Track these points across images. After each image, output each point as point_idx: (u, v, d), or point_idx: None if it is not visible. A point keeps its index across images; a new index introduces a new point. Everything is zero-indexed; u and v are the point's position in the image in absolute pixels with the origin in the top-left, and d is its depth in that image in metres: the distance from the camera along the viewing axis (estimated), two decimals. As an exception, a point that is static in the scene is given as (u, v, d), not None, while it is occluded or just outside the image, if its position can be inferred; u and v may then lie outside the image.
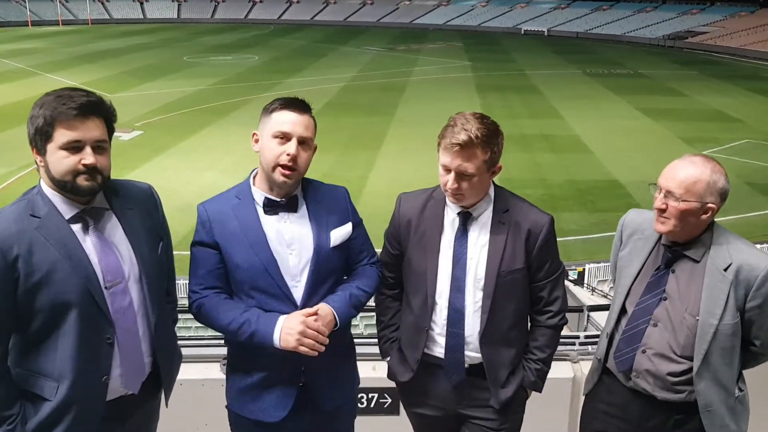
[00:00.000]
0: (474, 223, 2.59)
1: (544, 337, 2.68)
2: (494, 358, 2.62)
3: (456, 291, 2.58)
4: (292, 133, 2.38)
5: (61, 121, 2.07)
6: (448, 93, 36.61)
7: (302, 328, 2.31)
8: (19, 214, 2.13)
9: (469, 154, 2.42)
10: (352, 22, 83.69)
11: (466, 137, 2.39)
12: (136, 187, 2.41)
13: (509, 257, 2.55)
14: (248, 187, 2.51)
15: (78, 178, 2.11)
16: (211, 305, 2.44)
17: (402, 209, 2.72)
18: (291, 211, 2.47)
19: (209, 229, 2.47)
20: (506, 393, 2.64)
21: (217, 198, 2.55)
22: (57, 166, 2.10)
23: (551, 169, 23.58)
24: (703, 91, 38.70)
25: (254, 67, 47.25)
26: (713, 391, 2.47)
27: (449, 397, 2.70)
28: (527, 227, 2.56)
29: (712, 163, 2.42)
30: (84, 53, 52.79)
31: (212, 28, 77.33)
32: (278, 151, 2.37)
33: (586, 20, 75.18)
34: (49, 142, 2.09)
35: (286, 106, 2.41)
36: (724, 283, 2.41)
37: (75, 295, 2.12)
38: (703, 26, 68.14)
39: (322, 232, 2.48)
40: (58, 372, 2.15)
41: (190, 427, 3.59)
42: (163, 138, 27.43)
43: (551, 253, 2.62)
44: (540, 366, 2.68)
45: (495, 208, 2.59)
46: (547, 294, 2.64)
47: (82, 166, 2.10)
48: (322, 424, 2.63)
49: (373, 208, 17.28)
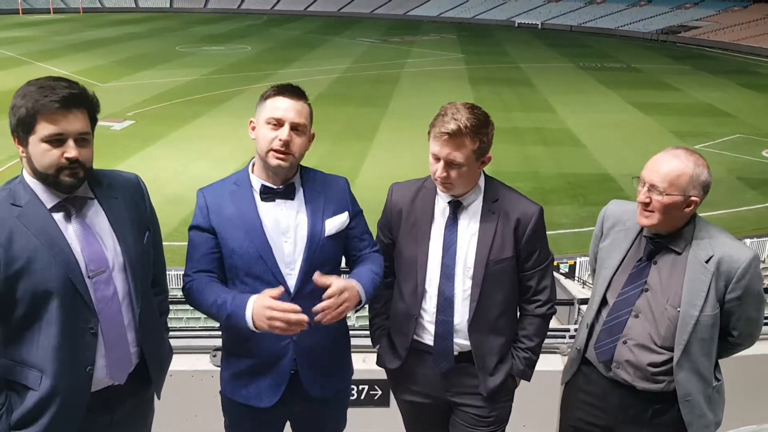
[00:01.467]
0: (464, 212, 2.62)
1: (533, 326, 2.70)
2: (483, 346, 2.65)
3: (445, 279, 2.60)
4: (284, 118, 2.39)
5: (43, 114, 2.05)
6: (442, 85, 36.57)
7: (269, 313, 2.26)
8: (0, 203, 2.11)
9: (458, 143, 2.44)
10: (345, 13, 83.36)
11: (455, 126, 2.41)
12: (122, 177, 2.39)
13: (498, 246, 2.57)
14: (247, 175, 2.53)
15: (61, 174, 2.09)
16: (198, 288, 2.45)
17: (394, 198, 2.75)
18: (287, 198, 2.48)
19: (206, 214, 2.49)
20: (495, 381, 2.67)
21: (217, 184, 2.57)
22: (39, 160, 2.09)
23: (543, 162, 23.64)
24: (695, 85, 38.80)
25: (247, 57, 47.05)
26: (692, 381, 2.50)
27: (438, 384, 2.72)
28: (516, 217, 2.59)
29: (695, 156, 2.44)
30: (76, 42, 52.37)
31: (205, 18, 76.88)
32: (271, 136, 2.39)
33: (579, 14, 75.13)
34: (31, 134, 2.07)
35: (280, 92, 2.43)
36: (706, 275, 2.43)
37: (56, 284, 2.10)
38: (696, 21, 68.21)
39: (317, 220, 2.49)
40: (41, 362, 2.14)
41: (182, 419, 3.59)
42: (155, 128, 27.31)
43: (540, 242, 2.64)
44: (529, 355, 2.71)
45: (485, 197, 2.62)
46: (535, 283, 2.67)
47: (64, 159, 2.08)
48: (314, 412, 2.66)
49: (364, 199, 17.32)
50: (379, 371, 2.91)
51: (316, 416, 2.68)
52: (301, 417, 2.69)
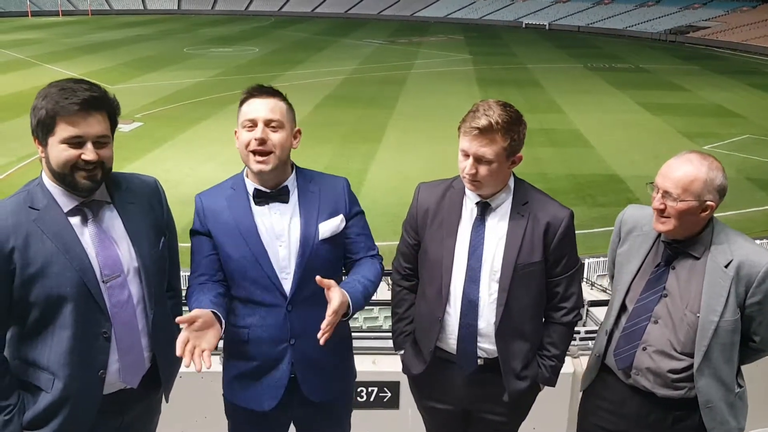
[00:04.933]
0: (492, 214, 2.57)
1: (557, 334, 2.66)
2: (509, 351, 2.60)
3: (470, 282, 2.55)
4: (256, 118, 2.39)
5: (63, 116, 2.06)
6: (449, 86, 36.51)
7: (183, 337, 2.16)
8: (17, 205, 2.12)
9: (489, 139, 2.40)
10: (353, 15, 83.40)
11: (486, 122, 2.38)
12: (140, 181, 2.40)
13: (527, 250, 2.52)
14: (242, 179, 2.52)
15: (77, 174, 2.10)
16: (189, 294, 2.47)
17: (420, 198, 2.70)
18: (281, 201, 2.47)
19: (203, 219, 2.50)
20: (520, 385, 2.63)
21: (214, 189, 2.57)
22: (56, 158, 2.10)
23: (551, 164, 23.53)
24: (704, 86, 38.57)
25: (255, 59, 47.10)
26: (713, 388, 2.47)
27: (461, 392, 2.69)
28: (546, 220, 2.54)
29: (708, 160, 2.40)
30: (84, 44, 52.59)
31: (212, 19, 77.06)
32: (248, 138, 2.39)
33: (587, 14, 74.92)
34: (50, 135, 2.09)
35: (250, 95, 2.43)
36: (725, 279, 2.40)
37: (70, 288, 2.11)
38: (705, 21, 67.89)
39: (310, 224, 2.47)
40: (53, 365, 2.15)
41: (190, 419, 3.59)
42: (164, 129, 27.36)
43: (569, 248, 2.60)
44: (555, 362, 2.67)
45: (514, 199, 2.57)
46: (562, 290, 2.62)
47: (81, 160, 2.08)
48: (314, 416, 2.64)
49: (373, 200, 17.18)
50: (389, 373, 2.90)
51: (318, 420, 2.66)
52: (304, 421, 2.68)
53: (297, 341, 2.48)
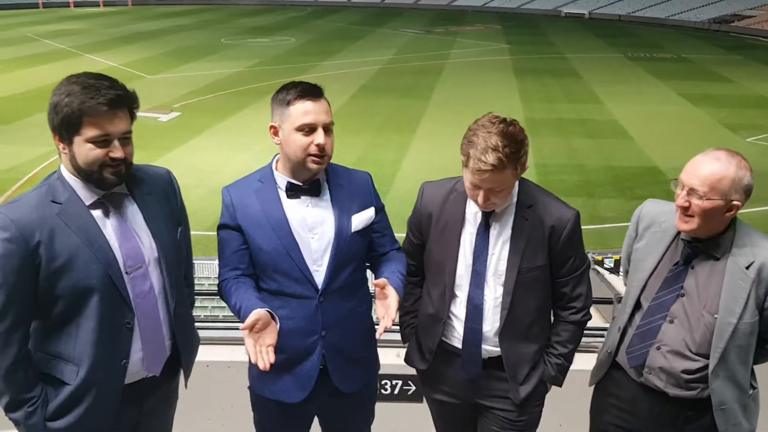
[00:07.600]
0: (496, 218, 2.55)
1: (566, 333, 2.65)
2: (514, 354, 2.60)
3: (475, 286, 2.56)
4: (316, 123, 2.38)
5: (90, 116, 2.07)
6: (486, 76, 36.20)
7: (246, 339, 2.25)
8: (40, 200, 2.15)
9: (500, 174, 2.35)
10: (389, 4, 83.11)
11: (494, 160, 2.30)
12: (154, 172, 2.43)
13: (531, 254, 2.51)
14: (270, 172, 2.53)
15: (104, 171, 2.13)
16: (226, 289, 2.49)
17: (424, 200, 2.70)
18: (314, 195, 2.47)
19: (232, 212, 2.51)
20: (526, 389, 2.63)
21: (241, 182, 2.59)
22: (84, 157, 2.12)
23: (588, 155, 23.19)
24: (748, 76, 37.56)
25: (291, 49, 47.28)
26: (728, 389, 2.44)
27: (466, 387, 2.70)
28: (551, 224, 2.52)
29: (737, 158, 2.34)
30: (124, 34, 53.37)
31: (250, 9, 77.52)
32: (305, 142, 2.38)
33: (628, 2, 73.49)
34: (76, 135, 2.10)
35: (303, 95, 2.40)
36: (746, 281, 2.36)
37: (96, 280, 2.15)
38: (750, 10, 66.05)
39: (343, 216, 2.49)
40: (78, 356, 2.20)
41: (216, 408, 3.64)
42: (201, 119, 27.66)
43: (575, 248, 2.57)
44: (561, 361, 2.65)
45: (518, 203, 2.55)
46: (570, 290, 2.60)
47: (109, 158, 2.11)
48: (342, 407, 2.68)
49: (406, 191, 17.13)
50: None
51: (344, 410, 2.69)
52: (330, 411, 2.71)
53: (327, 333, 2.51)
